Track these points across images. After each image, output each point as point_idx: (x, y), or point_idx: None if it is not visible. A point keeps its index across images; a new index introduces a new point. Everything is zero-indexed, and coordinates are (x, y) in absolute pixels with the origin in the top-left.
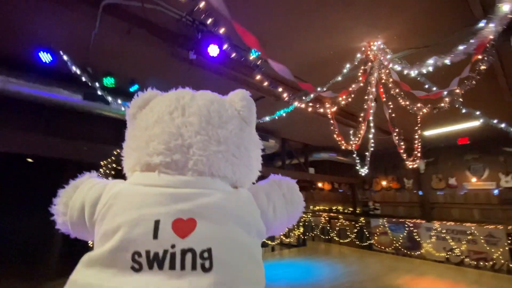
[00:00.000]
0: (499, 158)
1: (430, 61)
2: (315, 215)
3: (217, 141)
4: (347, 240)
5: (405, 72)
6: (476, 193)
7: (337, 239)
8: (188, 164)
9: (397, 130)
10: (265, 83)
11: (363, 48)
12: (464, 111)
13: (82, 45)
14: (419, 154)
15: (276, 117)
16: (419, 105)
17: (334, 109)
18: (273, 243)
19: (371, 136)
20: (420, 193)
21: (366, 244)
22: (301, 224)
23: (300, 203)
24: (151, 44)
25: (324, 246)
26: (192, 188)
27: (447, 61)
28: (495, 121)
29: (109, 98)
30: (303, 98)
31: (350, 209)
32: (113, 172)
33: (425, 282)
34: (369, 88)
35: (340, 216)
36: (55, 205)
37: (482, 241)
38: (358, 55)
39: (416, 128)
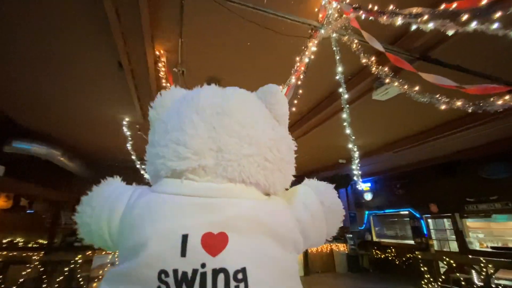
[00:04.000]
0: None
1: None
2: None
3: (249, 144)
4: None
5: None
6: None
7: None
8: (217, 170)
9: None
10: None
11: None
12: None
13: None
14: None
15: None
16: (438, 96)
17: None
18: None
19: None
20: None
21: None
22: None
23: (340, 211)
24: None
25: None
26: (221, 197)
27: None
28: None
29: None
30: None
31: (42, 241)
32: None
33: None
34: (300, 59)
35: (27, 254)
36: (79, 214)
37: None
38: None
39: None
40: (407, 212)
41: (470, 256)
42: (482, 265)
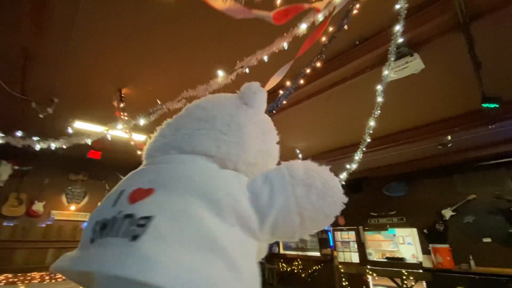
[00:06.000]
0: (106, 185)
1: None
2: None
3: (205, 121)
4: None
5: None
6: (61, 225)
7: None
8: (173, 143)
9: None
10: None
11: None
12: None
13: None
14: None
15: None
16: None
17: None
18: None
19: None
20: None
21: None
22: None
23: (331, 189)
24: None
25: None
26: (167, 163)
27: None
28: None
29: None
30: None
31: None
32: None
33: None
34: None
35: None
36: None
37: None
38: None
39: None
40: None
41: (368, 266)
42: (404, 277)
